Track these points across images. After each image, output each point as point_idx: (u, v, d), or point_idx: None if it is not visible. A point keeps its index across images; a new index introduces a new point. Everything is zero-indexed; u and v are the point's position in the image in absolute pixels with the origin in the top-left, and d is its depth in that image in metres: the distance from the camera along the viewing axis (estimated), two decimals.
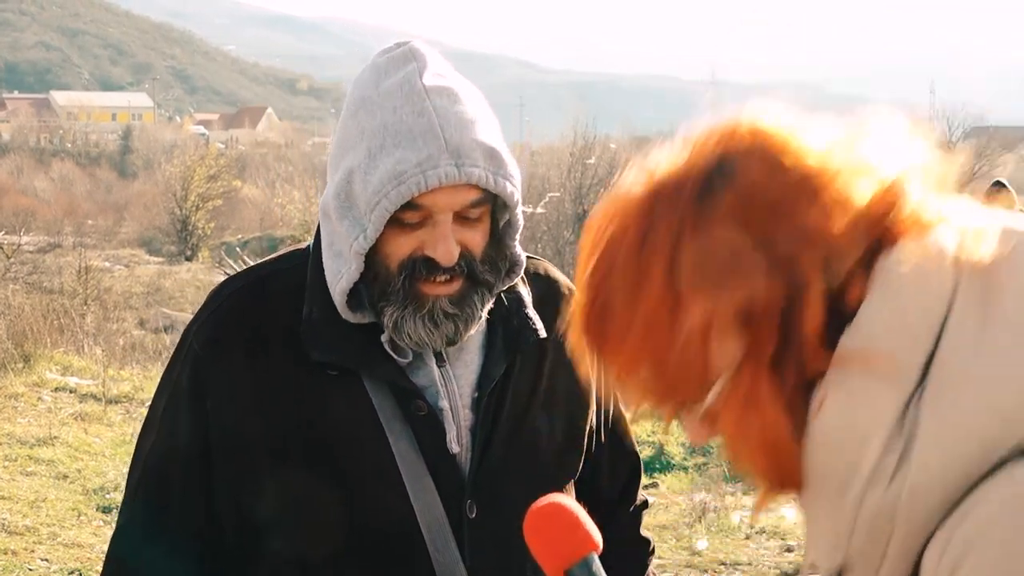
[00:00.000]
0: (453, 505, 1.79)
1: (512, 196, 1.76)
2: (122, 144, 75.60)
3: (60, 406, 10.18)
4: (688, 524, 7.84)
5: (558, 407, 1.92)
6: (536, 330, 1.88)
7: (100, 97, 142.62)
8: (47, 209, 45.27)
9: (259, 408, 1.78)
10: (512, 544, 1.83)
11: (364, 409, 1.77)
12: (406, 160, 1.67)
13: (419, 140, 1.69)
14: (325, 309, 1.79)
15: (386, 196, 1.67)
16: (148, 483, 1.86)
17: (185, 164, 43.12)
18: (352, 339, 1.79)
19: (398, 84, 1.74)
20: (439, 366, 1.83)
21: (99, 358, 12.31)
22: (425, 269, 1.72)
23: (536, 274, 2.00)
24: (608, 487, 2.08)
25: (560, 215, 28.60)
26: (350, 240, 1.72)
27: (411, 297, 1.72)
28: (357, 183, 1.71)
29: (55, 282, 23.60)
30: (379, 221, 1.69)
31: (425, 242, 1.72)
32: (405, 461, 1.76)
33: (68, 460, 8.34)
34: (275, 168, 53.48)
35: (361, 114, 1.75)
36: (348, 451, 1.77)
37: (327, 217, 1.80)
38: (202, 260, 39.94)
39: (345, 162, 1.75)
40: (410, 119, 1.70)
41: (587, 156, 30.25)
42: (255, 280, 1.89)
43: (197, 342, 1.84)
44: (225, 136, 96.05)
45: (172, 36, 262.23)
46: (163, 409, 1.87)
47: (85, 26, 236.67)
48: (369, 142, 1.71)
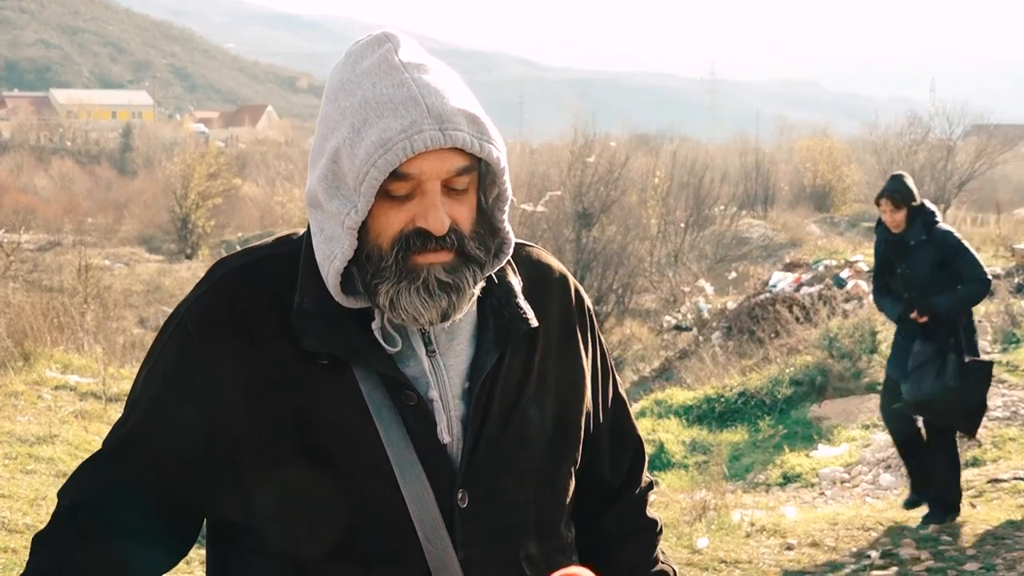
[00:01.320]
0: (444, 496, 1.78)
1: (498, 162, 1.77)
2: (122, 142, 75.55)
3: (60, 404, 10.17)
4: (688, 522, 7.84)
5: (549, 396, 1.92)
6: (527, 320, 1.88)
7: (100, 95, 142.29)
8: (47, 207, 45.32)
9: (249, 395, 1.76)
10: (504, 534, 1.84)
11: (354, 400, 1.76)
12: (390, 128, 1.69)
13: (401, 109, 1.70)
14: (316, 298, 1.79)
15: (374, 165, 1.69)
16: (119, 454, 1.83)
17: (185, 162, 43.20)
18: (343, 329, 1.78)
19: (375, 63, 1.76)
20: (429, 356, 1.83)
21: (99, 356, 12.29)
22: (418, 241, 1.73)
23: (528, 259, 2.00)
24: (611, 473, 2.08)
25: (560, 213, 28.56)
26: (341, 217, 1.73)
27: (405, 271, 1.73)
28: (344, 160, 1.72)
29: (55, 280, 23.60)
30: (369, 192, 1.70)
31: (415, 214, 1.73)
32: (396, 452, 1.75)
33: (68, 458, 8.33)
34: (275, 166, 53.41)
35: (340, 96, 1.77)
36: (339, 442, 1.76)
37: (315, 205, 1.80)
38: (202, 258, 39.99)
39: (329, 144, 1.76)
40: (390, 91, 1.72)
41: (587, 154, 30.22)
42: (251, 262, 1.87)
43: (190, 320, 1.82)
44: (225, 134, 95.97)
45: (172, 34, 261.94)
46: (143, 382, 1.86)
47: (85, 24, 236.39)
48: (352, 119, 1.73)
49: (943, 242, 7.42)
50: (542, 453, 1.89)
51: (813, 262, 21.73)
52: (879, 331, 12.89)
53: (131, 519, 1.80)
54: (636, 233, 30.23)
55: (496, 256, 1.85)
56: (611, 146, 34.96)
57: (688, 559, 7.03)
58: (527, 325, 1.87)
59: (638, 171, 34.41)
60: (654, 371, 17.52)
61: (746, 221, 38.43)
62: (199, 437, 1.77)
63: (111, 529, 1.79)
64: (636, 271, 28.75)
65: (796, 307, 15.81)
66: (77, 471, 1.86)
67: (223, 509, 1.82)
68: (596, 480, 2.04)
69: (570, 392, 1.96)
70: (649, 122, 67.55)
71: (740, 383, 13.63)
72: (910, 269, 7.47)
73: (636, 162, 35.17)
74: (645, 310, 26.49)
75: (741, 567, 6.97)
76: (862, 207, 51.47)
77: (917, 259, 7.43)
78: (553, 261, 2.05)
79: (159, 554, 1.85)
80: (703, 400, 13.54)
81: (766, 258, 31.45)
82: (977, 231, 26.74)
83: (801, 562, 6.97)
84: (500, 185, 1.82)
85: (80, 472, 1.86)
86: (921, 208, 7.47)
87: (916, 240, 7.43)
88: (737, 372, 14.56)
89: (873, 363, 12.49)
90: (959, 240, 7.50)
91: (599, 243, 28.26)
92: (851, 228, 38.88)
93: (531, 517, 1.87)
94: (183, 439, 1.78)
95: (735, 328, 17.07)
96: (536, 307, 1.90)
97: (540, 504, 1.89)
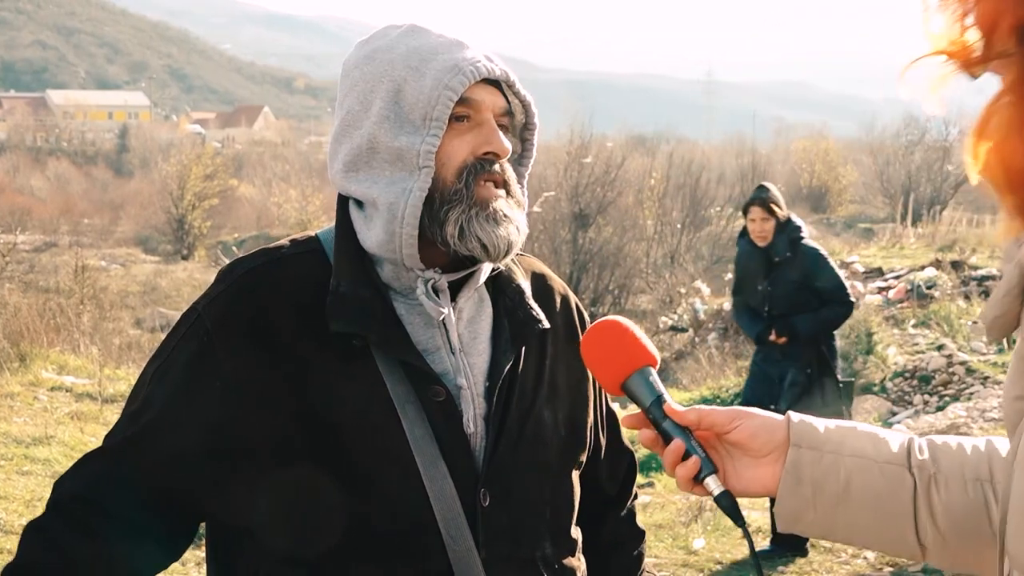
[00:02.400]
0: (467, 494, 1.77)
1: (534, 115, 1.90)
2: (118, 143, 75.68)
3: (56, 405, 10.17)
4: (684, 523, 7.84)
5: (560, 400, 1.94)
6: (540, 320, 1.90)
7: (96, 96, 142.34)
8: (43, 208, 45.30)
9: (268, 393, 1.74)
10: (522, 534, 1.84)
11: (378, 394, 1.75)
12: (455, 58, 1.79)
13: (454, 48, 1.81)
14: (352, 283, 1.79)
15: (447, 87, 1.76)
16: (125, 450, 1.80)
17: (181, 163, 43.17)
18: (377, 314, 1.78)
19: (405, 30, 1.87)
20: (453, 354, 1.83)
21: (95, 357, 12.30)
22: (483, 165, 1.79)
23: (533, 272, 2.03)
24: (608, 483, 2.11)
25: (557, 214, 28.58)
26: (416, 148, 1.77)
27: (474, 200, 1.78)
28: (409, 94, 1.78)
29: (51, 281, 23.62)
30: (443, 114, 1.77)
31: (477, 144, 1.80)
32: (420, 448, 1.74)
33: (64, 459, 8.32)
34: (271, 167, 53.52)
35: (380, 55, 1.84)
36: (361, 438, 1.74)
37: (357, 168, 1.83)
38: (198, 259, 39.99)
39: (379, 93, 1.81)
40: (436, 39, 1.83)
41: (583, 155, 30.26)
42: (268, 261, 1.86)
43: (208, 318, 1.79)
44: (221, 135, 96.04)
45: (168, 35, 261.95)
46: (156, 377, 1.83)
47: (81, 25, 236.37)
48: (404, 63, 1.81)
49: (808, 260, 7.00)
50: (556, 455, 1.91)
51: None
52: (875, 332, 12.91)
53: (132, 515, 1.77)
54: (632, 234, 30.27)
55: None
56: (607, 147, 35.02)
57: (684, 560, 7.03)
58: (540, 324, 1.90)
59: (634, 172, 34.48)
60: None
61: (742, 222, 38.46)
62: (215, 435, 1.75)
63: (109, 524, 1.77)
64: (632, 272, 28.80)
65: None
66: (78, 464, 1.83)
67: (232, 511, 1.79)
68: (594, 487, 2.06)
69: (578, 396, 1.98)
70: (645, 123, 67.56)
71: (736, 384, 13.63)
72: (772, 287, 7.07)
73: (632, 163, 35.24)
74: (641, 311, 26.49)
75: (737, 568, 6.97)
76: (858, 208, 51.56)
77: (780, 277, 7.03)
78: (551, 273, 2.09)
79: (155, 552, 1.83)
80: (699, 401, 13.55)
81: None
82: (973, 232, 26.75)
83: (797, 563, 6.98)
84: (528, 143, 1.94)
85: (83, 466, 1.83)
86: (788, 223, 7.06)
87: (781, 256, 7.02)
88: (733, 373, 14.56)
89: (869, 364, 12.50)
90: (825, 259, 7.08)
91: (595, 244, 28.30)
92: (847, 229, 38.95)
93: (547, 518, 1.88)
94: (199, 437, 1.75)
95: (731, 329, 17.06)
96: (543, 312, 1.93)
97: (554, 505, 1.90)
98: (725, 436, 1.60)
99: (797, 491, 1.55)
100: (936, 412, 10.78)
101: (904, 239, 25.27)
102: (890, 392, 11.72)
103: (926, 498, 1.52)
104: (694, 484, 1.58)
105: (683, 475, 1.58)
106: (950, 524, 1.52)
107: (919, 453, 1.55)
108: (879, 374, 12.01)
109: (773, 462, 1.58)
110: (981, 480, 1.52)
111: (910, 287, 16.07)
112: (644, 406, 1.63)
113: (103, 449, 1.83)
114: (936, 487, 1.53)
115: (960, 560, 1.55)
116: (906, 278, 17.00)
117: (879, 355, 12.17)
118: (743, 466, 1.59)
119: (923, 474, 1.53)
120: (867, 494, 1.54)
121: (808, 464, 1.55)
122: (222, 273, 1.87)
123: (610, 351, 1.66)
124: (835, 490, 1.54)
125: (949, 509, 1.51)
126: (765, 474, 1.58)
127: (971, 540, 1.51)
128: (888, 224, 35.01)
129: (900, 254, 21.89)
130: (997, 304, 1.26)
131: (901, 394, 11.63)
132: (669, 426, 1.61)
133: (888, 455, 1.56)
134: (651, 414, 1.62)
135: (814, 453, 1.55)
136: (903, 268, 18.48)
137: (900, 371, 11.97)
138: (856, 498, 1.54)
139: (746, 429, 1.58)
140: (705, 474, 1.57)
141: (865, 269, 19.36)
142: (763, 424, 1.59)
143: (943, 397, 11.28)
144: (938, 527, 1.52)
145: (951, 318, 13.80)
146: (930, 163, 45.84)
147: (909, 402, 11.43)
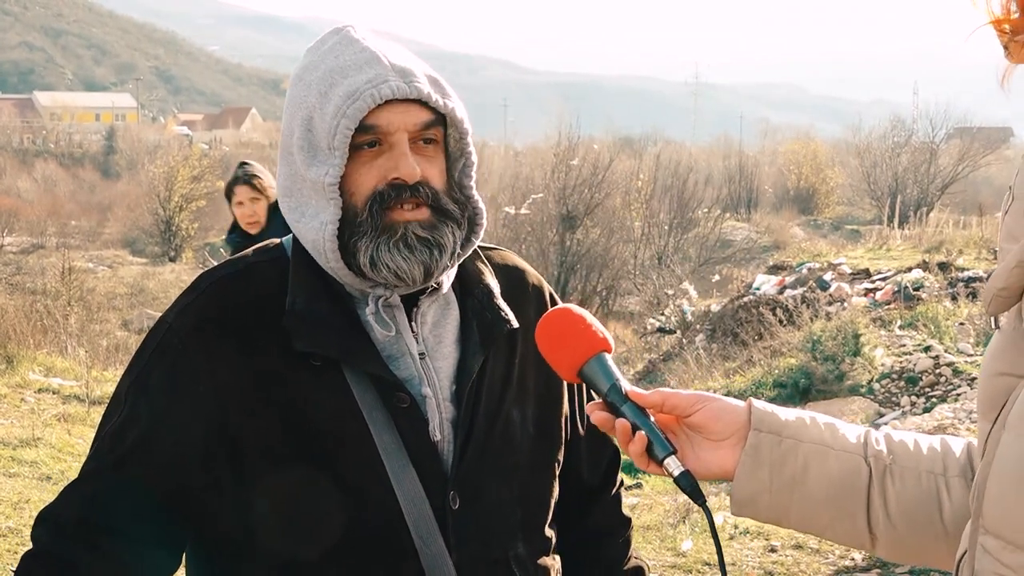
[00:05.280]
0: (437, 497, 1.78)
1: (462, 121, 1.81)
2: (105, 145, 75.42)
3: (43, 407, 10.14)
4: (672, 525, 7.84)
5: (529, 398, 1.94)
6: (508, 320, 1.89)
7: (83, 97, 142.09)
8: (30, 210, 45.13)
9: (245, 399, 1.75)
10: (493, 534, 1.85)
11: (346, 402, 1.76)
12: (357, 82, 1.74)
13: (365, 67, 1.76)
14: (308, 299, 1.79)
15: (344, 116, 1.72)
16: (110, 464, 1.78)
17: (169, 165, 43.02)
18: (335, 329, 1.78)
19: (336, 42, 1.83)
20: (419, 358, 1.83)
21: (82, 359, 12.27)
22: (392, 193, 1.75)
23: (502, 264, 2.03)
24: (589, 475, 2.11)
25: (544, 216, 28.60)
26: (322, 179, 1.75)
27: (382, 227, 1.75)
28: (316, 123, 1.76)
29: (38, 283, 23.53)
30: (342, 144, 1.73)
31: (387, 169, 1.76)
32: (388, 453, 1.76)
33: (51, 461, 8.31)
34: None
35: (305, 76, 1.82)
36: (332, 444, 1.75)
37: (291, 192, 1.83)
38: (186, 261, 39.88)
39: (298, 117, 1.80)
40: (353, 56, 1.78)
41: (571, 157, 30.29)
42: (237, 271, 1.87)
43: (181, 328, 1.79)
44: (209, 136, 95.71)
45: (155, 36, 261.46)
46: (133, 391, 1.81)
47: (68, 26, 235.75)
48: (318, 87, 1.77)
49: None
50: (526, 455, 1.91)
51: (796, 264, 21.83)
52: (862, 334, 12.94)
53: (135, 530, 1.76)
54: (620, 236, 30.31)
55: (471, 227, 1.87)
56: (595, 149, 35.01)
57: (672, 562, 7.03)
58: (509, 324, 1.89)
59: (622, 174, 34.50)
60: (638, 373, 17.51)
61: (730, 224, 38.56)
62: (202, 442, 1.75)
63: (115, 541, 1.75)
64: (620, 273, 28.82)
65: (779, 309, 15.83)
66: (68, 492, 1.80)
67: (221, 517, 1.79)
68: (575, 480, 2.07)
69: (548, 395, 1.98)
70: (633, 125, 67.72)
71: (724, 386, 13.65)
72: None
73: (620, 165, 35.25)
74: (629, 312, 26.53)
75: (725, 569, 6.97)
76: (846, 210, 51.68)
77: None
78: (525, 265, 2.08)
79: (165, 564, 1.83)
80: None
81: (750, 261, 31.55)
82: (960, 234, 26.83)
83: (785, 564, 6.99)
84: (465, 151, 1.86)
85: (74, 491, 1.79)
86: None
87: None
88: (721, 375, 14.58)
89: (856, 366, 12.52)
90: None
91: (583, 246, 28.31)
92: (835, 231, 39.03)
93: (517, 517, 1.89)
94: (188, 446, 1.75)
95: (719, 330, 17.09)
96: (514, 311, 1.92)
97: (525, 505, 1.91)
98: (687, 419, 1.62)
99: (755, 474, 1.58)
100: (923, 413, 10.79)
101: (891, 241, 25.37)
102: (877, 393, 11.73)
103: (880, 487, 1.55)
104: (649, 460, 1.60)
105: (634, 451, 1.59)
106: (901, 514, 1.54)
107: (875, 444, 1.59)
108: (866, 375, 12.02)
109: (733, 446, 1.60)
110: (935, 473, 1.55)
111: (897, 288, 16.12)
112: (602, 392, 1.63)
113: (92, 471, 1.80)
114: (891, 477, 1.56)
115: (907, 552, 1.59)
116: (893, 279, 17.06)
117: (866, 356, 12.18)
118: (703, 449, 1.62)
119: (878, 464, 1.57)
120: (823, 480, 1.57)
121: (767, 448, 1.58)
122: (193, 283, 1.88)
123: (563, 339, 1.66)
124: (792, 475, 1.57)
125: (902, 499, 1.55)
126: (724, 456, 1.60)
127: (921, 532, 1.54)
128: (875, 226, 35.14)
129: (887, 256, 21.97)
130: (1004, 275, 1.26)
131: (888, 395, 11.65)
132: (627, 410, 1.61)
133: (845, 444, 1.59)
134: (609, 398, 1.63)
135: (774, 438, 1.58)
136: (890, 270, 18.54)
137: (887, 372, 11.99)
138: (812, 484, 1.57)
139: (708, 412, 1.61)
140: (664, 455, 1.58)
141: (852, 271, 19.42)
142: (724, 408, 1.61)
143: (930, 398, 11.30)
144: (890, 517, 1.55)
145: (938, 319, 13.83)
146: (917, 165, 45.99)
147: (896, 403, 11.44)
